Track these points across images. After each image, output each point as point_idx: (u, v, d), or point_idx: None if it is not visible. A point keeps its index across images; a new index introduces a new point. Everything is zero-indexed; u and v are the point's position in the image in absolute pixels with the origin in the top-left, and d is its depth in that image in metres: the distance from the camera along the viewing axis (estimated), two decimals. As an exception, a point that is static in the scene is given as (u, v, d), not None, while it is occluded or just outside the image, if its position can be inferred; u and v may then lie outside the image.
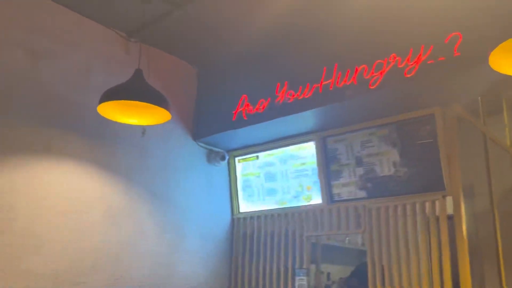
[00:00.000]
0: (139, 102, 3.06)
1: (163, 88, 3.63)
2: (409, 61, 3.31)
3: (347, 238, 4.41)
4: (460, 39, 3.06)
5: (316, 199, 4.32)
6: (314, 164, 4.36)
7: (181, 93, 4.67)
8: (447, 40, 3.12)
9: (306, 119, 4.08)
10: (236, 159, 4.99)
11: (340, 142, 4.18)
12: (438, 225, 3.52)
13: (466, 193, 3.52)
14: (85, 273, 3.52)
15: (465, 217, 3.41)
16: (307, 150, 4.44)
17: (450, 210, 3.48)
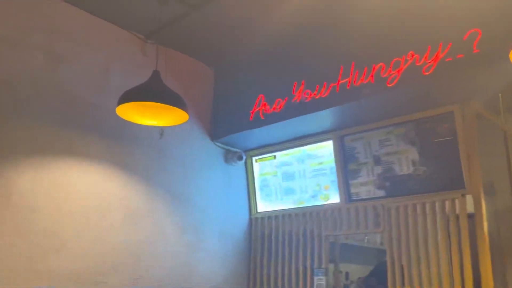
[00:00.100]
0: (156, 103, 3.08)
1: (180, 89, 3.66)
2: (427, 58, 3.27)
3: (366, 237, 4.38)
4: (480, 35, 3.01)
5: (334, 198, 4.31)
6: (331, 163, 4.34)
7: (198, 93, 4.69)
8: (465, 36, 3.07)
9: (323, 118, 4.07)
10: (254, 158, 4.99)
11: (358, 141, 4.16)
12: (458, 224, 3.48)
13: (487, 191, 3.48)
14: (106, 273, 3.57)
15: (486, 215, 3.37)
16: (325, 149, 4.42)
17: (470, 209, 3.44)
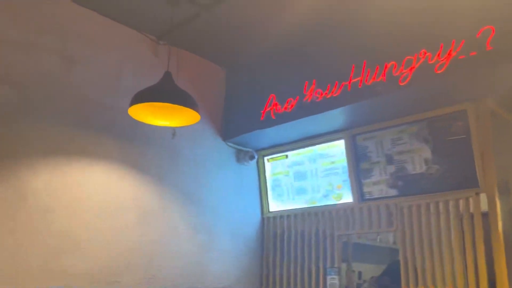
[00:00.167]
0: (168, 104, 3.10)
1: (192, 89, 3.67)
2: (439, 56, 3.24)
3: (379, 237, 4.37)
4: (493, 32, 2.98)
5: (347, 197, 4.30)
6: (343, 162, 4.33)
7: (210, 94, 4.71)
8: (479, 34, 3.04)
9: (335, 117, 4.06)
10: (265, 158, 4.99)
11: (370, 140, 4.14)
12: (472, 222, 3.46)
13: (501, 190, 3.45)
14: (119, 272, 3.59)
15: (500, 214, 3.34)
16: (337, 148, 4.41)
17: (485, 207, 3.41)
